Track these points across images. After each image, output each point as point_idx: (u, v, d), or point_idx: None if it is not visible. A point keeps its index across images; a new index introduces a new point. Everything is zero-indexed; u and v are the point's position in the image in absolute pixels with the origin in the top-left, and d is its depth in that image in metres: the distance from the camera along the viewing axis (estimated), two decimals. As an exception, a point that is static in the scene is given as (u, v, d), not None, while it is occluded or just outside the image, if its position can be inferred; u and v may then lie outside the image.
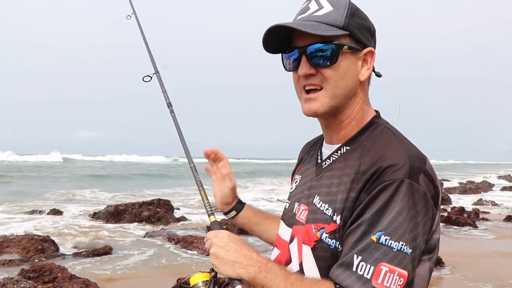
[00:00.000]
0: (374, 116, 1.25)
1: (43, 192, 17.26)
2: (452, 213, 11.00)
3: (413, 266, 1.04)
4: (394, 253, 1.01)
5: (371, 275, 1.00)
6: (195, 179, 1.51)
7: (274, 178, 30.10)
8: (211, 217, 1.39)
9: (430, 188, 1.08)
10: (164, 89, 1.73)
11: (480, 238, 8.94)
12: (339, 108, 1.22)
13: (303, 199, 1.29)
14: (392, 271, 1.00)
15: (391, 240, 1.01)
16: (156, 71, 1.77)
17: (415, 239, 1.03)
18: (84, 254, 6.97)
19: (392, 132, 1.19)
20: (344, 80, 1.19)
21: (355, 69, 1.20)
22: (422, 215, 1.05)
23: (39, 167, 36.18)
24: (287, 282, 1.08)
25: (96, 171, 32.48)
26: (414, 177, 1.05)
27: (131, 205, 11.21)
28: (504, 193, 20.08)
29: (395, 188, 1.04)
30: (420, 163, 1.09)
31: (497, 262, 6.90)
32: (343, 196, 1.13)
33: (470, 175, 37.15)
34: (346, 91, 1.20)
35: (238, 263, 1.14)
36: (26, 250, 6.96)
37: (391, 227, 1.02)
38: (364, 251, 1.02)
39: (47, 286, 5.18)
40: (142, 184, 22.00)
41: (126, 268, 6.54)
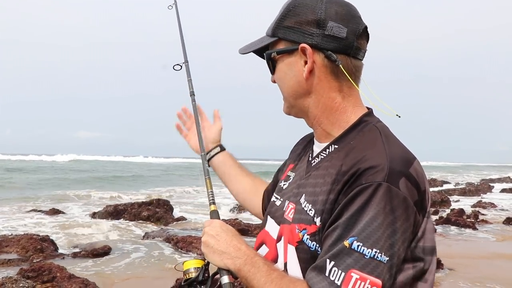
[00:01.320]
0: (364, 114, 1.20)
1: (45, 192, 17.27)
2: (452, 215, 10.99)
3: (390, 275, 0.99)
4: (366, 260, 0.98)
5: (341, 282, 0.98)
6: (203, 167, 1.54)
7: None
8: (211, 205, 1.40)
9: (413, 193, 1.03)
10: (190, 78, 1.78)
11: (479, 240, 8.93)
12: (301, 109, 1.25)
13: (292, 197, 1.26)
14: (363, 279, 0.97)
15: (363, 246, 0.98)
16: (186, 61, 1.81)
17: (392, 247, 0.99)
18: (83, 254, 6.97)
19: (379, 131, 1.14)
20: (285, 83, 1.23)
21: (295, 69, 1.20)
22: (401, 221, 1.00)
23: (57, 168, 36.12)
24: (268, 278, 1.09)
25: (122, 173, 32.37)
26: (394, 181, 1.01)
27: (130, 205, 11.21)
28: (503, 195, 20.05)
29: (371, 191, 1.00)
30: (402, 166, 1.04)
31: (496, 264, 6.90)
32: (324, 197, 1.11)
33: (469, 176, 37.13)
34: (291, 92, 1.23)
35: (227, 253, 1.16)
36: (25, 250, 6.95)
37: (364, 233, 0.99)
38: (337, 257, 1.00)
39: (46, 285, 5.18)
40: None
41: (125, 268, 6.54)
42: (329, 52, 1.15)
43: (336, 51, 1.16)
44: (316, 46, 1.16)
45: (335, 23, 1.14)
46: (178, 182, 22.85)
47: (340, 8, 1.16)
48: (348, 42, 1.15)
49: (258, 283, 1.10)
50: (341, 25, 1.15)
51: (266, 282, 1.08)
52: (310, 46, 1.16)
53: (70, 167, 39.43)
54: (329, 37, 1.15)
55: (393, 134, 1.17)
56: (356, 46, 1.17)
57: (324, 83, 1.19)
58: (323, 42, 1.15)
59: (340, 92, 1.20)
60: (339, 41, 1.15)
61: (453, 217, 10.51)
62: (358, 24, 1.17)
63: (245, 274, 1.12)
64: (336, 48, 1.15)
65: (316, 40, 1.15)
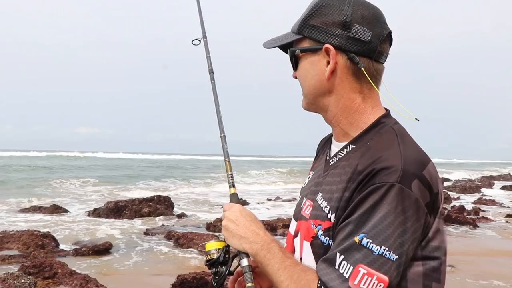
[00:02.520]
0: (382, 115, 1.22)
1: (48, 188, 17.29)
2: (452, 212, 11.01)
3: (397, 273, 1.02)
4: (374, 256, 1.01)
5: (349, 275, 1.02)
6: (223, 149, 1.52)
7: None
8: (231, 189, 1.41)
9: (425, 194, 1.05)
10: (208, 55, 1.73)
11: (480, 237, 8.94)
12: (320, 106, 1.27)
13: (310, 195, 1.30)
14: (371, 274, 1.00)
15: (372, 243, 1.01)
16: (204, 36, 1.77)
17: (402, 246, 1.02)
18: (84, 250, 6.97)
19: (395, 133, 1.16)
20: (306, 81, 1.26)
21: (317, 68, 1.22)
22: (412, 222, 1.03)
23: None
24: (281, 265, 1.13)
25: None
26: (406, 183, 1.03)
27: (131, 201, 11.23)
28: (504, 191, 20.08)
29: (384, 191, 1.03)
30: (416, 168, 1.06)
31: (497, 261, 6.90)
32: (339, 195, 1.14)
33: (470, 173, 37.12)
34: (311, 91, 1.26)
35: (245, 238, 1.21)
36: (26, 246, 6.97)
37: (374, 231, 1.02)
38: (347, 251, 1.04)
39: (47, 281, 5.19)
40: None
41: (126, 265, 6.55)
42: (352, 54, 1.17)
43: (359, 53, 1.18)
44: (340, 48, 1.18)
45: (361, 26, 1.17)
46: (180, 178, 22.88)
47: (367, 12, 1.18)
48: (371, 46, 1.17)
49: (272, 268, 1.14)
50: (366, 29, 1.17)
51: (280, 269, 1.13)
52: (334, 47, 1.18)
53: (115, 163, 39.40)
54: (353, 40, 1.17)
55: (410, 136, 1.19)
56: (379, 50, 1.19)
57: (345, 83, 1.21)
58: (347, 44, 1.17)
59: (360, 94, 1.22)
60: (363, 44, 1.17)
61: (454, 214, 10.52)
62: (383, 29, 1.19)
63: (261, 259, 1.17)
64: (359, 50, 1.17)
65: (341, 41, 1.17)
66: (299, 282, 1.09)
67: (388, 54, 1.23)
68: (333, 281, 1.03)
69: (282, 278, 1.12)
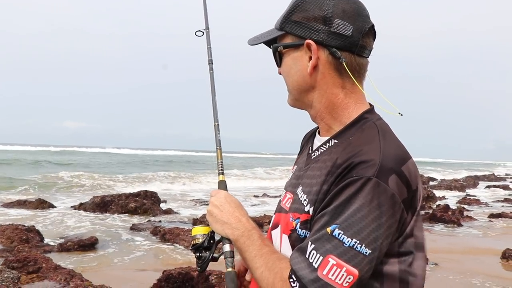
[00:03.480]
0: (365, 111, 1.22)
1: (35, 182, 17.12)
2: (437, 211, 11.11)
3: (369, 268, 1.02)
4: (344, 248, 1.01)
5: (319, 265, 1.02)
6: (215, 137, 1.55)
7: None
8: (220, 176, 1.44)
9: (403, 190, 1.05)
10: (209, 45, 1.75)
11: (464, 235, 9.06)
12: (305, 103, 1.27)
13: (290, 188, 1.31)
14: (340, 265, 1.00)
15: (344, 235, 1.02)
16: (207, 27, 1.79)
17: (375, 241, 1.02)
18: (69, 245, 6.92)
19: (377, 128, 1.16)
20: (289, 77, 1.26)
21: (300, 64, 1.23)
22: (387, 217, 1.03)
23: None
24: (258, 252, 1.15)
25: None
26: (383, 177, 1.04)
27: (118, 196, 11.16)
28: (488, 191, 20.34)
29: (360, 185, 1.04)
30: (395, 164, 1.07)
31: (480, 259, 7.00)
32: (318, 188, 1.15)
33: (456, 173, 37.52)
34: (295, 87, 1.26)
35: (228, 224, 1.23)
36: (10, 240, 6.89)
37: (347, 222, 1.02)
38: (318, 241, 1.04)
39: (31, 276, 5.14)
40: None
41: (112, 260, 6.52)
42: (333, 49, 1.18)
43: (341, 48, 1.18)
44: (321, 43, 1.18)
45: (342, 20, 1.16)
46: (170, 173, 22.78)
47: (348, 6, 1.18)
48: (353, 40, 1.17)
49: (250, 255, 1.16)
50: (347, 23, 1.17)
51: (256, 256, 1.15)
52: (315, 42, 1.18)
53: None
54: (334, 34, 1.17)
55: (392, 132, 1.19)
56: (361, 44, 1.19)
57: (328, 79, 1.21)
58: (329, 39, 1.17)
59: (343, 89, 1.22)
60: (344, 39, 1.17)
61: (439, 213, 10.63)
62: (364, 23, 1.19)
63: (241, 245, 1.19)
64: (340, 45, 1.17)
65: (322, 36, 1.18)
66: (273, 269, 1.11)
67: (372, 48, 1.24)
68: (303, 270, 1.04)
69: (257, 264, 1.14)
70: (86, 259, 6.52)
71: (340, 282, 1.00)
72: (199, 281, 4.70)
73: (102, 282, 4.81)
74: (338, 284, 1.00)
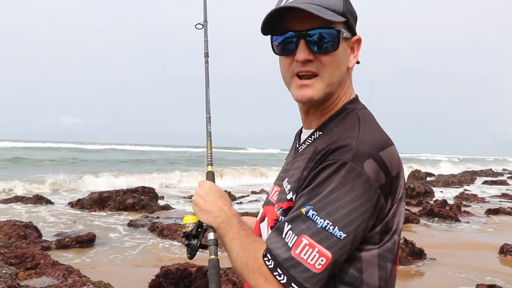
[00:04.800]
0: (347, 102, 1.25)
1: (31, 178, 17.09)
2: (435, 206, 11.14)
3: (343, 252, 1.02)
4: (317, 229, 1.02)
5: (293, 244, 1.03)
6: (206, 129, 1.59)
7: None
8: (208, 166, 1.49)
9: (380, 176, 1.05)
10: (206, 39, 1.78)
11: (462, 231, 9.07)
12: (331, 96, 1.23)
13: (278, 181, 1.34)
14: (312, 246, 1.01)
15: (317, 216, 1.03)
16: (205, 21, 1.81)
17: (350, 224, 1.02)
18: (67, 241, 6.91)
19: (358, 117, 1.18)
20: (339, 68, 1.20)
21: (347, 57, 1.22)
22: (362, 201, 1.03)
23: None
24: (236, 235, 1.19)
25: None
26: (359, 161, 1.04)
27: (116, 192, 11.16)
28: (485, 186, 20.38)
29: (335, 168, 1.05)
30: (372, 149, 1.07)
31: (477, 254, 7.02)
32: (299, 175, 1.17)
33: (453, 168, 37.57)
34: (339, 79, 1.21)
35: (211, 212, 1.28)
36: (8, 236, 6.88)
37: (320, 204, 1.03)
38: (294, 221, 1.06)
39: (29, 272, 5.14)
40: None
41: (110, 256, 6.52)
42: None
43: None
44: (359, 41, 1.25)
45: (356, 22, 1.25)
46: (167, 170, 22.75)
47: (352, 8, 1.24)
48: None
49: (228, 239, 1.20)
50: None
51: (234, 238, 1.18)
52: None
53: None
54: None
55: (374, 121, 1.21)
56: None
57: (350, 76, 1.28)
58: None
59: (351, 84, 1.29)
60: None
61: (436, 208, 10.65)
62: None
63: (221, 231, 1.24)
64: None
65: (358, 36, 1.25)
66: (247, 249, 1.13)
67: None
68: (278, 249, 1.05)
69: (233, 246, 1.17)
70: (84, 255, 6.51)
71: (312, 262, 1.01)
72: (197, 276, 4.70)
73: (100, 278, 4.80)
74: (310, 264, 1.01)
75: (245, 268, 1.11)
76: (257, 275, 1.07)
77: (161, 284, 4.72)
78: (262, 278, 1.06)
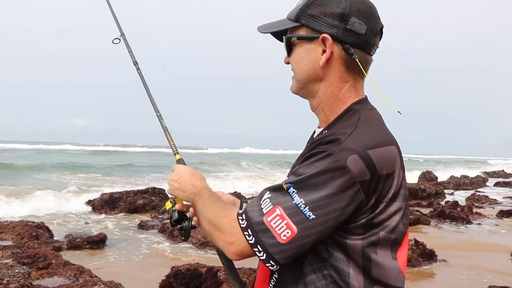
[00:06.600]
0: (354, 102, 1.28)
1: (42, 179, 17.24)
2: (446, 207, 11.06)
3: (311, 233, 1.10)
4: (291, 204, 1.11)
5: (267, 211, 1.13)
6: (161, 125, 1.76)
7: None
8: (176, 155, 1.66)
9: (363, 172, 1.11)
10: (130, 49, 1.98)
11: (473, 232, 8.99)
12: (309, 92, 1.32)
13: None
14: (283, 217, 1.11)
15: (295, 193, 1.11)
16: (122, 34, 2.03)
17: (321, 208, 1.09)
18: (78, 241, 6.97)
19: (360, 117, 1.22)
20: (299, 67, 1.31)
21: (313, 56, 1.27)
22: (337, 191, 1.09)
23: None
24: (207, 200, 1.32)
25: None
26: (343, 155, 1.11)
27: (126, 193, 11.20)
28: (497, 188, 20.19)
29: (321, 156, 1.12)
30: (358, 146, 1.13)
31: (489, 256, 6.95)
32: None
33: (463, 169, 37.27)
34: (304, 76, 1.30)
35: (186, 191, 1.42)
36: (21, 236, 6.96)
37: (300, 184, 1.12)
38: (274, 191, 1.16)
39: (41, 272, 5.19)
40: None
41: (120, 256, 6.57)
42: (347, 45, 1.24)
43: (354, 45, 1.24)
44: (337, 38, 1.24)
45: (357, 19, 1.23)
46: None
47: (363, 6, 1.25)
48: (366, 39, 1.25)
49: (199, 207, 1.34)
50: (362, 22, 1.23)
51: (204, 204, 1.32)
52: (331, 37, 1.24)
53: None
54: (349, 32, 1.23)
55: (377, 122, 1.25)
56: (371, 43, 1.27)
57: (336, 73, 1.27)
58: (344, 35, 1.23)
59: (346, 83, 1.28)
60: (358, 37, 1.24)
61: (447, 209, 10.57)
62: (376, 23, 1.26)
63: (195, 203, 1.37)
64: (354, 42, 1.24)
65: (337, 32, 1.23)
66: (215, 209, 1.27)
67: (378, 47, 1.31)
68: (253, 212, 1.15)
69: (204, 209, 1.30)
70: (95, 255, 6.56)
71: (279, 232, 1.11)
72: (207, 277, 4.72)
73: (111, 278, 4.84)
74: (277, 233, 1.11)
75: (214, 226, 1.23)
76: (227, 234, 1.19)
77: (172, 285, 4.75)
78: (232, 236, 1.17)
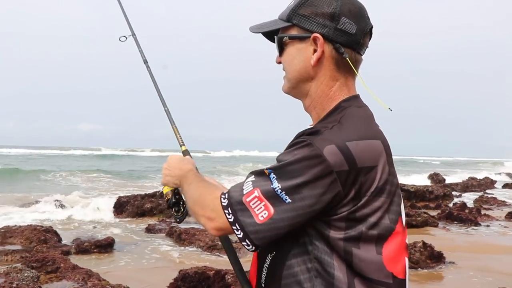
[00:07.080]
0: (343, 100, 1.30)
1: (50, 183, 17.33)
2: (454, 209, 11.00)
3: (286, 217, 1.15)
4: (270, 188, 1.16)
5: (247, 192, 1.19)
6: (169, 118, 1.86)
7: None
8: (182, 147, 1.77)
9: (341, 163, 1.14)
10: (140, 48, 2.04)
11: (481, 234, 8.94)
12: (301, 91, 1.35)
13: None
14: (261, 199, 1.17)
15: (275, 179, 1.16)
16: (133, 33, 2.08)
17: (296, 193, 1.14)
18: (86, 245, 7.00)
19: (344, 113, 1.25)
20: (291, 67, 1.34)
21: (304, 55, 1.30)
22: (313, 178, 1.13)
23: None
24: (192, 180, 1.40)
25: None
26: (320, 144, 1.15)
27: (134, 197, 11.24)
28: (506, 190, 20.05)
29: (300, 146, 1.17)
30: (337, 137, 1.17)
31: (498, 258, 6.91)
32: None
33: (472, 171, 37.08)
34: (295, 76, 1.34)
35: (176, 176, 1.49)
36: (29, 241, 7.01)
37: (280, 170, 1.17)
38: (256, 175, 1.22)
39: (50, 276, 5.22)
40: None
41: (128, 260, 6.59)
42: (338, 44, 1.27)
43: (344, 44, 1.27)
44: (327, 38, 1.27)
45: (348, 19, 1.26)
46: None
47: (353, 7, 1.28)
48: (356, 38, 1.28)
49: (185, 187, 1.42)
50: (353, 22, 1.27)
51: (190, 184, 1.40)
52: (322, 36, 1.27)
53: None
54: (340, 31, 1.26)
55: (362, 118, 1.27)
56: (361, 43, 1.30)
57: (327, 71, 1.31)
58: (334, 35, 1.27)
59: (337, 81, 1.31)
60: (348, 36, 1.27)
61: (456, 211, 10.52)
62: (366, 24, 1.30)
63: (182, 184, 1.46)
64: (344, 42, 1.27)
65: (328, 32, 1.27)
66: (200, 187, 1.35)
67: (368, 47, 1.34)
68: (235, 192, 1.22)
69: (189, 188, 1.39)
70: (103, 259, 6.59)
71: (257, 212, 1.17)
72: (215, 280, 4.73)
73: (119, 282, 4.86)
74: (255, 213, 1.17)
75: (197, 203, 1.31)
76: (208, 210, 1.26)
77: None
78: (213, 213, 1.25)
